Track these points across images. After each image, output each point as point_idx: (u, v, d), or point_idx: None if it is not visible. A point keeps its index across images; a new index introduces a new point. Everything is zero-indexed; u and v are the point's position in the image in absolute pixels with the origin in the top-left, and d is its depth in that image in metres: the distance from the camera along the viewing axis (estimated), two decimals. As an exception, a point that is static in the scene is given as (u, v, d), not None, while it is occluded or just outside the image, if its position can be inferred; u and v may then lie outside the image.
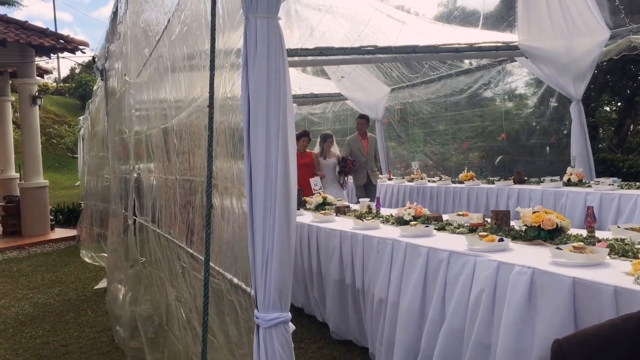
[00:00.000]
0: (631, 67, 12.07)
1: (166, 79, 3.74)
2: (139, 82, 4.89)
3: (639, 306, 1.99)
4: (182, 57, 3.25)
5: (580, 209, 5.89)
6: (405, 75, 10.67)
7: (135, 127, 5.17)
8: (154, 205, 4.46)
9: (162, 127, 3.94)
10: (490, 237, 3.34)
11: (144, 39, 4.53)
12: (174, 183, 3.65)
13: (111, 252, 6.45)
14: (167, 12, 3.65)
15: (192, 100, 3.02)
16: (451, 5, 9.79)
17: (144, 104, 4.96)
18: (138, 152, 5.12)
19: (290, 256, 2.04)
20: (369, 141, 9.01)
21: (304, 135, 8.70)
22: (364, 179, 8.89)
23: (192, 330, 3.04)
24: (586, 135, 7.65)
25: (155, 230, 4.31)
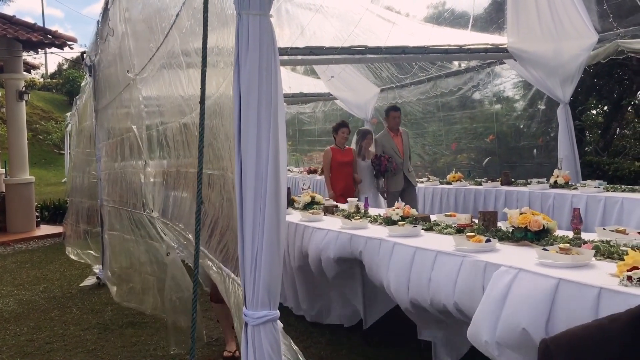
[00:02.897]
0: (618, 71, 12.19)
1: (181, 73, 3.74)
2: (145, 78, 4.87)
3: (623, 307, 2.01)
4: (196, 51, 3.22)
5: (566, 211, 5.94)
6: (395, 75, 10.69)
7: (146, 122, 5.16)
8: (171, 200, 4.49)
9: (181, 121, 3.94)
10: (478, 238, 3.36)
11: (149, 33, 4.51)
12: (194, 176, 3.68)
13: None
14: (175, 6, 3.63)
15: (207, 97, 3.02)
16: (441, 7, 9.83)
17: (154, 100, 4.96)
18: (150, 147, 5.12)
19: (279, 255, 2.05)
20: (402, 137, 7.63)
21: (343, 125, 7.31)
22: (400, 183, 7.46)
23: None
24: (573, 138, 7.71)
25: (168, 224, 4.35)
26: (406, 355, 4.29)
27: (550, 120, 9.37)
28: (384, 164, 7.23)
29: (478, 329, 2.80)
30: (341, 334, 4.84)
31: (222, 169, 2.63)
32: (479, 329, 2.79)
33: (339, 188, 7.03)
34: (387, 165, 7.22)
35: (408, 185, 7.51)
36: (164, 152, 4.69)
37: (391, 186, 7.42)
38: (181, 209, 4.09)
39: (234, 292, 2.35)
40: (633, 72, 11.99)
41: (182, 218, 3.95)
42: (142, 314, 5.79)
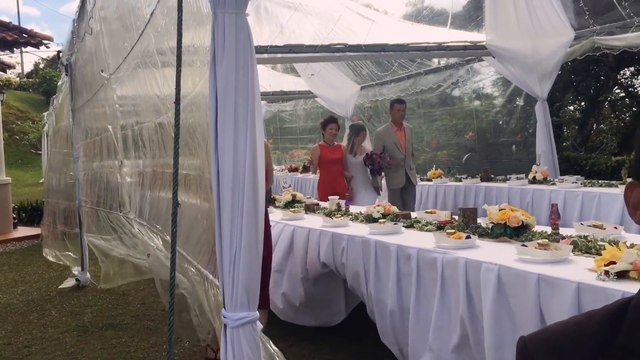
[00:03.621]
0: (595, 67, 12.34)
1: (156, 72, 3.70)
2: (120, 77, 4.81)
3: (601, 302, 2.04)
4: (171, 50, 3.20)
5: (545, 206, 6.00)
6: (375, 73, 10.71)
7: (121, 121, 5.11)
8: (147, 201, 4.44)
9: (157, 121, 3.90)
10: (458, 235, 3.38)
11: (124, 32, 4.46)
12: (171, 176, 3.64)
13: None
14: (150, 4, 3.59)
15: (183, 96, 2.99)
16: (420, 5, 9.86)
17: (129, 99, 4.90)
18: (125, 146, 5.07)
19: (258, 255, 2.03)
20: (405, 132, 7.21)
21: (331, 121, 6.97)
22: (402, 180, 7.03)
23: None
24: (551, 134, 7.79)
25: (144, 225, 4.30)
26: (389, 351, 4.29)
27: (529, 116, 9.47)
28: (377, 162, 6.76)
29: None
30: (324, 331, 4.84)
31: (199, 169, 2.60)
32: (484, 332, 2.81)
33: (327, 187, 6.71)
34: (380, 163, 6.74)
35: (409, 184, 7.13)
36: (139, 152, 4.65)
37: (392, 183, 7.03)
38: (158, 209, 4.05)
39: (212, 294, 2.33)
40: (609, 69, 12.15)
41: (160, 219, 3.92)
42: (123, 315, 5.74)
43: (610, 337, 0.82)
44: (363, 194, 6.76)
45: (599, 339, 0.83)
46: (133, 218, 4.87)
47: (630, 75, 13.08)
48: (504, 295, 2.77)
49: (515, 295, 2.70)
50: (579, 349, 0.84)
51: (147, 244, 4.55)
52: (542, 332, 0.92)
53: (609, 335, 0.82)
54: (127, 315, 5.75)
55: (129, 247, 5.65)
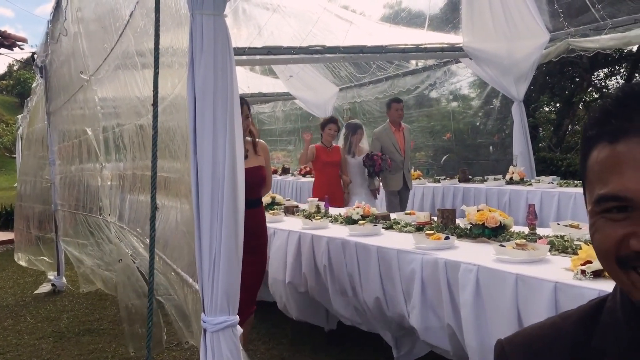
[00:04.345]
0: (569, 69, 12.54)
1: (136, 74, 3.66)
2: (101, 79, 4.75)
3: (578, 301, 2.06)
4: (150, 51, 3.16)
5: (522, 207, 6.07)
6: (354, 75, 10.74)
7: (102, 123, 5.04)
8: (127, 204, 4.38)
9: (137, 123, 3.86)
10: (437, 236, 3.40)
11: (103, 33, 4.40)
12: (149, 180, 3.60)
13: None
14: (129, 5, 3.56)
15: (163, 98, 2.96)
16: (397, 7, 9.92)
17: (110, 101, 4.84)
18: (107, 149, 5.00)
19: (238, 258, 2.02)
20: (404, 133, 6.99)
21: (331, 122, 6.57)
22: (399, 183, 6.82)
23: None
24: (527, 135, 7.88)
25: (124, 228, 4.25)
26: (369, 354, 4.30)
27: (505, 117, 9.57)
28: (378, 163, 6.41)
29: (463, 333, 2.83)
30: (304, 333, 4.83)
31: (179, 171, 2.58)
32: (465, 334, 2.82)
33: (323, 190, 6.30)
34: (381, 165, 6.43)
35: (405, 187, 6.92)
36: (120, 155, 4.60)
37: (390, 185, 6.80)
38: (138, 213, 4.01)
39: (192, 298, 2.31)
40: (583, 70, 12.35)
41: (140, 222, 3.87)
42: (100, 320, 5.66)
43: (585, 339, 0.83)
44: (360, 196, 6.37)
45: (574, 341, 0.84)
46: (112, 221, 4.81)
47: (604, 76, 13.32)
48: (483, 295, 2.79)
49: (494, 295, 2.73)
50: (555, 351, 0.85)
51: (121, 250, 4.50)
52: (519, 334, 0.93)
53: (583, 337, 0.83)
54: (104, 320, 5.67)
55: (104, 254, 5.59)
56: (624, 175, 0.72)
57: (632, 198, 0.72)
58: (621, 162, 0.72)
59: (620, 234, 0.73)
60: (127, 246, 4.44)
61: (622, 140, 0.72)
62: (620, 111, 0.73)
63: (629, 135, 0.72)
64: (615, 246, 0.74)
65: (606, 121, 0.74)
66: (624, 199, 0.72)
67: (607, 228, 0.75)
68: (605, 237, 0.75)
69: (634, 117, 0.72)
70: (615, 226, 0.74)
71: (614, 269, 0.76)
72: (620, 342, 0.79)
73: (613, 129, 0.73)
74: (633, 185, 0.71)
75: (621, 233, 0.73)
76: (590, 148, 0.77)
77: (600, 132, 0.76)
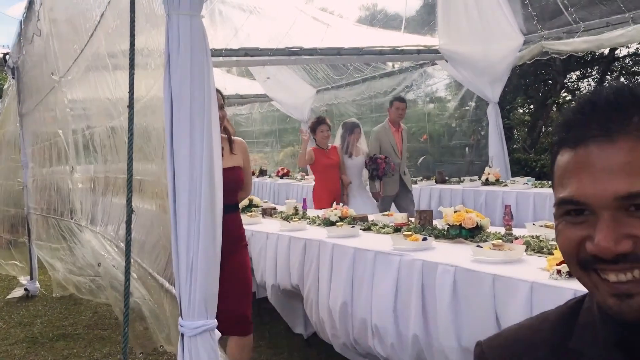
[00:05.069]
0: (542, 71, 12.71)
1: (107, 76, 3.60)
2: (71, 80, 4.68)
3: (554, 300, 2.08)
4: (122, 53, 3.12)
5: (497, 207, 6.14)
6: (331, 76, 10.76)
7: (72, 126, 4.96)
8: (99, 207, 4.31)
9: (109, 125, 3.79)
10: (415, 237, 3.41)
11: (73, 34, 4.33)
12: (124, 182, 3.53)
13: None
14: (100, 6, 3.50)
15: (137, 99, 2.91)
16: (373, 9, 9.97)
17: (80, 103, 4.77)
18: (77, 152, 4.92)
19: (216, 261, 1.99)
20: (402, 134, 6.75)
21: (321, 123, 6.19)
22: (395, 187, 6.53)
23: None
24: (502, 136, 7.97)
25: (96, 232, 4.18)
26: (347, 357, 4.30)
27: (481, 119, 9.68)
28: (381, 167, 6.18)
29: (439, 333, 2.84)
30: (281, 336, 4.81)
31: (154, 174, 2.54)
32: (441, 333, 2.83)
33: (324, 194, 6.05)
34: (385, 168, 6.18)
35: (403, 189, 6.62)
36: (91, 157, 4.53)
37: (386, 190, 6.48)
38: (111, 216, 3.95)
39: (169, 302, 2.28)
40: (557, 73, 12.54)
41: (113, 226, 3.82)
42: (74, 325, 5.57)
43: (563, 340, 0.84)
44: (358, 199, 6.14)
45: (552, 342, 0.85)
46: (85, 225, 4.74)
47: (577, 79, 13.54)
48: (460, 295, 2.81)
49: (471, 296, 2.75)
50: (534, 352, 0.86)
51: (97, 253, 4.43)
52: (498, 336, 0.93)
53: (561, 338, 0.84)
54: (79, 324, 5.58)
55: (77, 258, 5.50)
56: (581, 179, 0.75)
57: (587, 202, 0.74)
58: (579, 167, 0.75)
59: (579, 237, 0.76)
60: (101, 249, 4.37)
61: (580, 146, 0.75)
62: (579, 119, 0.77)
63: (586, 142, 0.74)
64: (575, 249, 0.76)
65: (567, 128, 0.78)
66: (581, 203, 0.75)
67: (567, 231, 0.78)
68: (565, 239, 0.78)
69: (590, 124, 0.75)
70: (574, 229, 0.76)
71: (576, 271, 0.78)
72: (597, 343, 0.79)
73: (572, 136, 0.76)
74: (588, 190, 0.74)
75: (579, 236, 0.76)
76: (556, 152, 0.80)
77: (563, 138, 0.79)
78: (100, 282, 5.08)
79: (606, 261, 0.73)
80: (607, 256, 0.73)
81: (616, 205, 0.72)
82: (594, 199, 0.73)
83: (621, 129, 0.73)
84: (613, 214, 0.73)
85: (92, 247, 4.69)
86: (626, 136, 0.73)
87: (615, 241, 0.72)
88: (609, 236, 0.72)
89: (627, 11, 6.12)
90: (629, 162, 0.72)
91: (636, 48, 12.03)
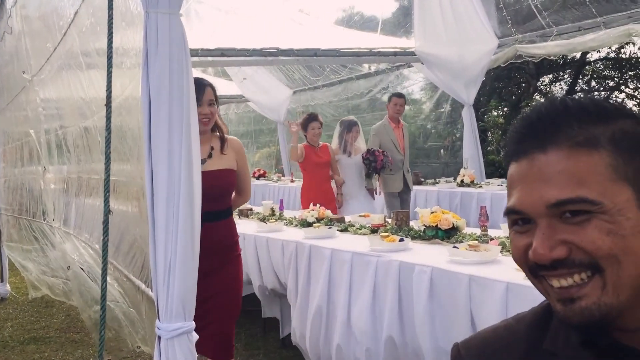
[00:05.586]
0: (516, 74, 12.90)
1: (81, 75, 3.53)
2: (43, 79, 4.59)
3: (529, 300, 2.11)
4: (97, 52, 3.06)
5: (472, 208, 6.20)
6: (307, 78, 10.77)
7: (44, 125, 4.86)
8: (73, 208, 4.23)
9: (82, 125, 3.72)
10: (392, 238, 3.42)
11: (46, 32, 4.25)
12: (98, 183, 3.46)
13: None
14: (74, 4, 3.44)
15: (112, 99, 2.87)
16: (350, 11, 10.00)
17: (53, 102, 4.69)
18: (50, 152, 4.83)
19: (194, 262, 1.97)
20: (403, 131, 6.56)
21: (312, 119, 5.98)
22: (400, 184, 6.37)
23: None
24: (477, 138, 8.06)
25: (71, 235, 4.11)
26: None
27: (456, 121, 9.77)
28: (379, 159, 5.93)
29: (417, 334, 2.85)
30: (258, 337, 4.79)
31: (129, 174, 2.51)
32: (418, 334, 2.84)
33: (312, 193, 5.80)
34: (383, 161, 5.94)
35: (405, 188, 6.46)
36: (64, 158, 4.45)
37: (389, 186, 6.31)
38: (85, 218, 3.88)
39: (145, 304, 2.25)
40: (530, 76, 12.74)
41: (87, 227, 3.76)
42: (46, 328, 5.47)
43: (537, 341, 0.85)
44: (355, 199, 5.96)
45: (527, 344, 0.86)
46: (57, 227, 4.66)
47: (549, 82, 13.77)
48: (437, 296, 2.82)
49: (448, 296, 2.77)
50: (510, 353, 0.87)
51: (67, 256, 4.35)
52: (475, 337, 0.94)
53: (536, 339, 0.85)
54: (50, 328, 5.48)
55: (50, 260, 5.40)
56: (520, 190, 0.79)
57: (526, 211, 0.78)
58: (519, 179, 0.79)
59: (524, 245, 0.79)
60: (74, 252, 4.30)
61: (521, 159, 0.79)
62: (518, 133, 0.81)
63: (524, 154, 0.79)
64: (523, 257, 0.80)
65: (511, 142, 0.83)
66: (521, 212, 0.79)
67: (515, 240, 0.81)
68: (514, 248, 0.81)
69: (526, 138, 0.79)
70: (521, 238, 0.80)
71: (529, 278, 0.82)
72: (570, 344, 0.81)
73: (513, 150, 0.81)
74: (526, 200, 0.77)
75: (524, 244, 0.79)
76: (507, 165, 0.85)
77: (507, 152, 0.84)
78: (71, 285, 4.99)
79: (547, 267, 0.76)
80: (544, 262, 0.76)
81: (550, 212, 0.76)
82: (531, 208, 0.77)
83: (552, 140, 0.77)
84: (549, 221, 0.76)
85: (63, 250, 4.60)
86: (557, 146, 0.76)
87: (551, 248, 0.75)
88: (544, 243, 0.75)
89: (598, 16, 6.24)
90: (560, 171, 0.75)
91: (607, 52, 12.29)
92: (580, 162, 0.75)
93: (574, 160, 0.75)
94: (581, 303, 0.75)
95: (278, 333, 4.63)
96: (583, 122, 0.76)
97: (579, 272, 0.75)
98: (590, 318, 0.75)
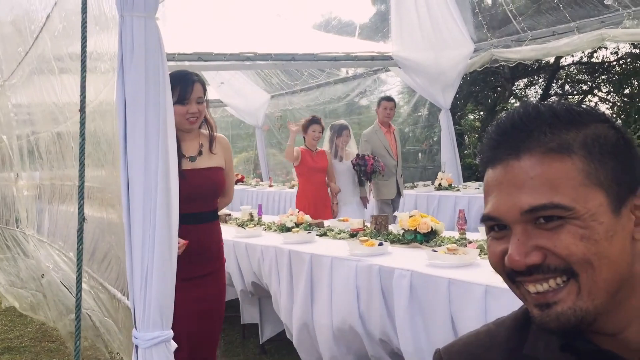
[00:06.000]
0: (492, 78, 13.05)
1: (53, 79, 3.47)
2: (15, 84, 4.51)
3: (508, 303, 2.12)
4: (69, 56, 3.00)
5: (450, 212, 6.23)
6: (285, 82, 10.75)
7: (16, 131, 4.78)
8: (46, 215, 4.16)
9: (55, 130, 3.66)
10: (371, 242, 3.41)
11: (18, 36, 4.18)
12: (71, 189, 3.39)
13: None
14: (46, 7, 3.38)
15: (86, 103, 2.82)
16: (328, 15, 10.03)
17: (24, 107, 4.61)
18: (22, 158, 4.75)
19: (172, 269, 1.94)
20: (395, 135, 6.40)
21: (314, 122, 5.74)
22: (393, 190, 6.18)
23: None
24: (454, 142, 8.12)
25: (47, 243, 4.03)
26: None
27: (433, 125, 9.83)
28: (369, 163, 5.69)
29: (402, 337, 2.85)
30: (237, 344, 4.75)
31: (104, 180, 2.47)
32: (400, 338, 2.83)
33: (308, 199, 5.65)
34: (374, 166, 5.71)
35: (399, 195, 6.31)
36: (36, 164, 4.38)
37: (382, 193, 6.12)
38: (58, 225, 3.81)
39: (121, 313, 2.20)
40: (505, 80, 12.89)
41: (61, 235, 3.69)
42: (21, 337, 5.35)
43: (518, 346, 0.85)
44: (352, 205, 5.78)
45: (509, 348, 0.86)
46: (31, 234, 4.57)
47: (524, 86, 13.96)
48: (417, 299, 2.83)
49: (427, 300, 2.77)
50: (491, 358, 0.87)
51: (42, 264, 4.27)
52: (456, 343, 0.94)
53: (517, 343, 0.86)
54: (25, 337, 5.37)
55: (20, 270, 5.30)
56: (495, 197, 0.79)
57: (501, 218, 0.78)
58: (494, 185, 0.80)
59: (500, 251, 0.79)
60: (47, 260, 4.22)
61: (496, 166, 0.80)
62: (493, 140, 0.82)
63: (499, 161, 0.79)
64: (500, 263, 0.80)
65: (485, 149, 0.83)
66: (497, 219, 0.79)
67: (492, 245, 0.81)
68: (491, 254, 0.81)
69: (500, 145, 0.80)
70: (497, 244, 0.80)
71: (507, 283, 0.82)
72: (551, 349, 0.81)
73: (488, 157, 0.82)
74: (501, 206, 0.78)
75: (500, 250, 0.79)
76: (482, 172, 0.85)
77: (482, 159, 0.85)
78: (41, 297, 4.89)
79: (523, 273, 0.77)
80: (519, 268, 0.76)
81: (524, 219, 0.76)
82: (506, 214, 0.77)
83: (525, 147, 0.77)
84: (523, 227, 0.76)
85: (37, 257, 4.52)
86: (530, 152, 0.77)
87: (525, 254, 0.75)
88: (519, 249, 0.76)
89: (572, 20, 6.33)
90: (533, 177, 0.75)
91: (580, 57, 12.49)
92: (553, 168, 0.75)
93: (546, 166, 0.75)
94: (557, 308, 0.75)
95: (257, 339, 4.60)
96: (555, 128, 0.77)
97: (555, 277, 0.75)
98: (566, 323, 0.75)
